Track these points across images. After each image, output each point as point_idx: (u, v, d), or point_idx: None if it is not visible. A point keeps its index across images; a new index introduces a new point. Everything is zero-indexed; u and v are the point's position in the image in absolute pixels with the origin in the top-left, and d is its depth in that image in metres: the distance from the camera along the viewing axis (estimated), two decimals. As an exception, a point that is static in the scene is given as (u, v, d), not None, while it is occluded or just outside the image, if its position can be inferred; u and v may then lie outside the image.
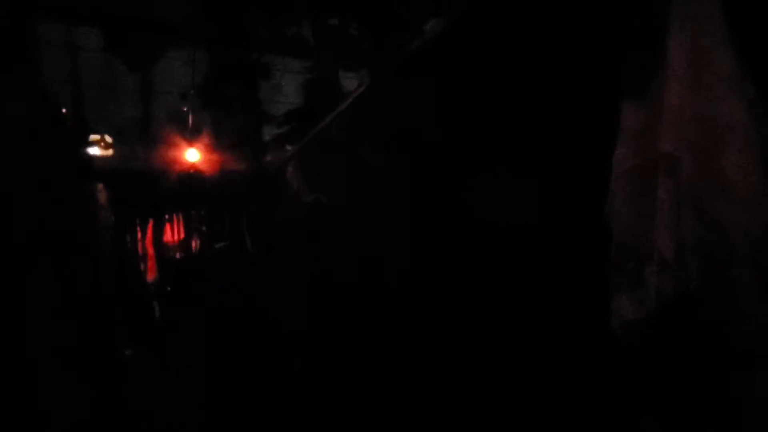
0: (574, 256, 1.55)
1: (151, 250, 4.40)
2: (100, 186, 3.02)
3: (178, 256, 4.45)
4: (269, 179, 4.57)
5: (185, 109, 4.20)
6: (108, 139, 3.53)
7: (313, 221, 3.37)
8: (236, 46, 5.92)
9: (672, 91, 1.14)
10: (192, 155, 3.93)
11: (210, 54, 5.93)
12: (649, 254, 1.22)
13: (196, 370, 2.87)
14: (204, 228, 4.62)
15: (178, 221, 4.74)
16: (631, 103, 1.24)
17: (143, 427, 2.42)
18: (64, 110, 2.59)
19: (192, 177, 4.02)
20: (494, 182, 1.81)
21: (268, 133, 6.26)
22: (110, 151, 3.52)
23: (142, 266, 4.24)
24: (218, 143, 4.82)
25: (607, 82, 1.38)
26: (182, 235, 4.69)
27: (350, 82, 7.17)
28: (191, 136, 4.09)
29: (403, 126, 2.30)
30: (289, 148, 6.07)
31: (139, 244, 4.30)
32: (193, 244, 4.67)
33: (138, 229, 4.30)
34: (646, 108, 1.21)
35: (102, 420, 2.35)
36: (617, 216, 1.30)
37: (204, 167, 4.11)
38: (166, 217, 4.57)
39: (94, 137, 3.54)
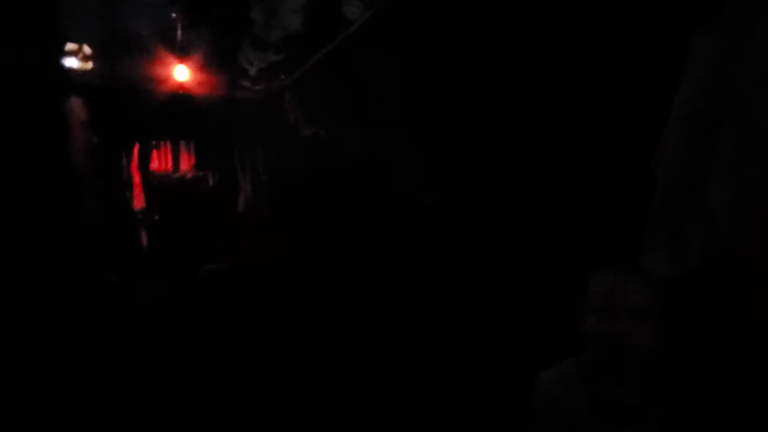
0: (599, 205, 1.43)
1: (137, 178, 4.18)
2: (79, 100, 2.76)
3: (165, 185, 4.25)
4: (264, 109, 4.29)
5: (174, 16, 3.79)
6: (87, 50, 3.19)
7: (310, 156, 3.18)
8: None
9: (759, 23, 0.97)
10: (181, 73, 3.60)
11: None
12: (697, 209, 1.11)
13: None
14: (193, 159, 4.38)
15: (166, 149, 4.48)
16: (706, 38, 1.07)
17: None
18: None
19: (181, 99, 3.73)
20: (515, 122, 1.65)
21: (263, 59, 5.82)
22: (90, 64, 3.19)
23: (127, 194, 4.05)
24: (208, 66, 4.45)
25: (673, 17, 1.19)
26: (170, 165, 4.45)
27: (353, 11, 6.63)
28: (181, 52, 3.74)
29: (421, 55, 2.07)
30: (284, 77, 5.68)
31: (124, 171, 4.07)
32: (182, 174, 4.46)
33: (123, 153, 4.05)
34: (723, 43, 1.04)
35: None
36: (667, 165, 1.17)
37: (193, 89, 3.80)
38: (153, 143, 4.30)
39: (71, 47, 3.20)
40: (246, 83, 5.94)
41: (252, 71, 6.23)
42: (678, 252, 1.14)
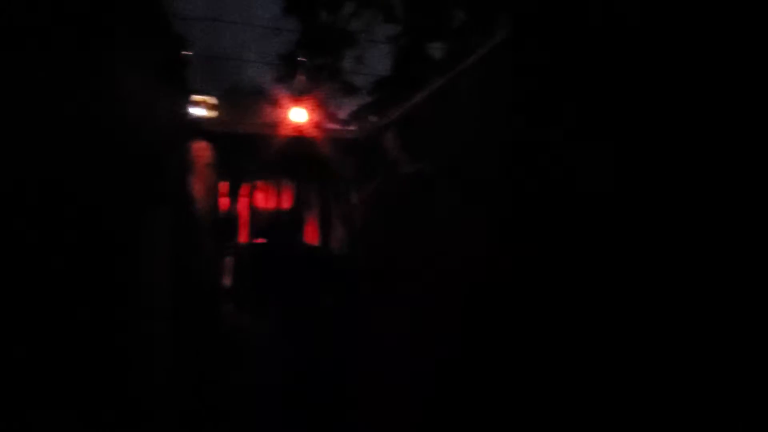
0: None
1: (243, 216, 4.48)
2: (208, 144, 3.03)
3: (267, 224, 4.50)
4: (357, 149, 4.44)
5: (293, 71, 4.14)
6: (211, 100, 3.55)
7: (412, 193, 3.19)
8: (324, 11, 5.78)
9: None
10: (298, 115, 3.87)
11: (298, 22, 5.88)
12: None
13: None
14: (296, 198, 4.63)
15: (271, 189, 4.79)
16: None
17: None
18: (187, 52, 2.56)
19: (288, 144, 3.99)
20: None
21: (353, 103, 6.14)
22: (214, 113, 3.53)
23: (234, 230, 4.33)
24: (306, 110, 4.75)
25: None
26: (273, 204, 4.73)
27: (436, 53, 6.87)
28: (296, 97, 4.03)
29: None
30: (373, 118, 5.93)
31: (233, 209, 4.39)
32: (285, 214, 4.70)
33: (234, 192, 4.39)
34: None
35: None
36: None
37: (304, 133, 4.06)
38: (259, 183, 4.63)
39: (198, 98, 3.56)
40: (338, 125, 6.30)
41: (343, 114, 6.62)
42: None
